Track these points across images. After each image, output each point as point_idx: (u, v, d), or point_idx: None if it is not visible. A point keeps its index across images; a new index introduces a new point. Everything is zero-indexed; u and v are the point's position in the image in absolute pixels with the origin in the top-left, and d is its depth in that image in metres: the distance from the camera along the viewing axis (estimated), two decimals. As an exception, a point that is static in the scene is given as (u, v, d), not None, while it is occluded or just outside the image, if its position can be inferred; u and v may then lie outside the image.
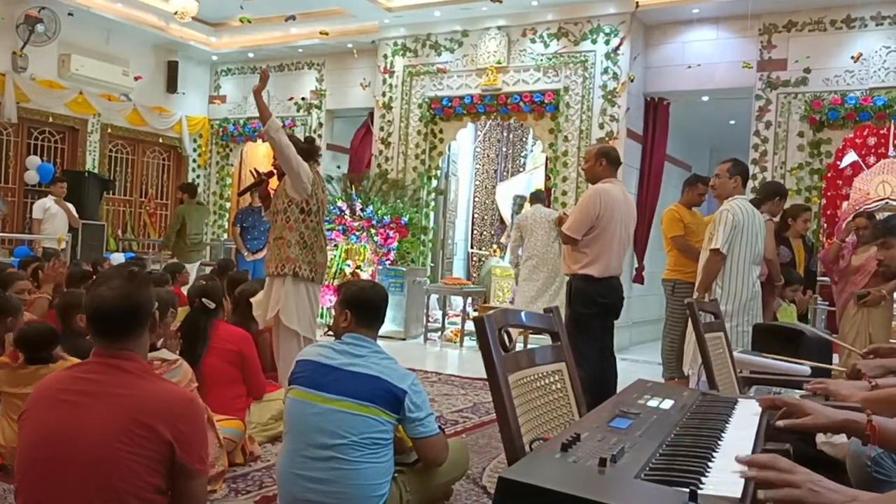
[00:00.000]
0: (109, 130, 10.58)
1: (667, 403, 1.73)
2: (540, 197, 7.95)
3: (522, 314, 1.93)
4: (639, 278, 8.54)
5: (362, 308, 2.64)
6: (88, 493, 1.75)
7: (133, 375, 1.85)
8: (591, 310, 4.51)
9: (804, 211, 5.81)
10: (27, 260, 6.13)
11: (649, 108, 8.75)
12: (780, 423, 1.59)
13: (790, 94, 7.66)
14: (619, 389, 2.96)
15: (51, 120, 9.85)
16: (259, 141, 11.50)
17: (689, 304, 2.73)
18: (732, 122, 9.73)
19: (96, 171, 10.17)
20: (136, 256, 9.79)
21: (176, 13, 8.96)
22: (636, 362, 7.24)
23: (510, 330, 1.67)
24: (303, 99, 10.82)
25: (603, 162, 4.61)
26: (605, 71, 8.29)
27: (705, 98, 8.63)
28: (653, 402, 1.72)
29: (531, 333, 6.53)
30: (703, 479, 1.19)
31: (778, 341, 3.60)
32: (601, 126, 8.28)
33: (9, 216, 9.52)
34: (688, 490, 1.06)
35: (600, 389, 4.41)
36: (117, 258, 8.92)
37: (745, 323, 4.33)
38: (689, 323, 3.13)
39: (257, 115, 10.88)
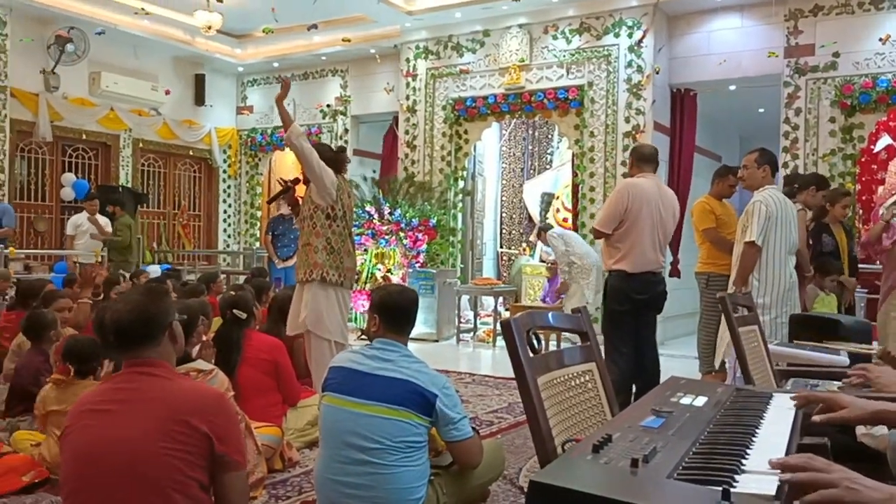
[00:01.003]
0: (141, 145, 10.78)
1: (700, 400, 1.71)
2: None
3: (550, 315, 1.93)
4: (675, 272, 8.45)
5: (389, 312, 2.66)
6: (133, 495, 1.81)
7: (163, 378, 1.94)
8: (625, 306, 4.47)
9: (843, 196, 5.67)
10: (70, 278, 6.29)
11: (676, 99, 8.66)
12: (816, 417, 1.58)
13: (819, 80, 7.53)
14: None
15: (84, 137, 10.07)
16: (287, 149, 11.61)
17: (721, 299, 2.70)
18: (761, 110, 9.58)
19: (130, 185, 10.37)
20: (171, 268, 9.94)
21: (203, 27, 9.08)
22: (672, 357, 7.17)
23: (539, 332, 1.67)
24: (328, 106, 10.91)
25: (632, 159, 4.62)
26: (630, 64, 8.23)
27: (732, 87, 8.52)
28: (686, 400, 1.71)
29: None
30: (736, 476, 1.18)
31: (815, 332, 3.55)
32: (627, 120, 8.22)
33: (47, 233, 9.74)
34: (721, 489, 1.05)
35: (640, 385, 4.39)
36: (153, 270, 9.07)
37: (784, 314, 4.26)
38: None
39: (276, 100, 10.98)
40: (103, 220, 8.51)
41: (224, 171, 12.05)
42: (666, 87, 8.50)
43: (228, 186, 12.12)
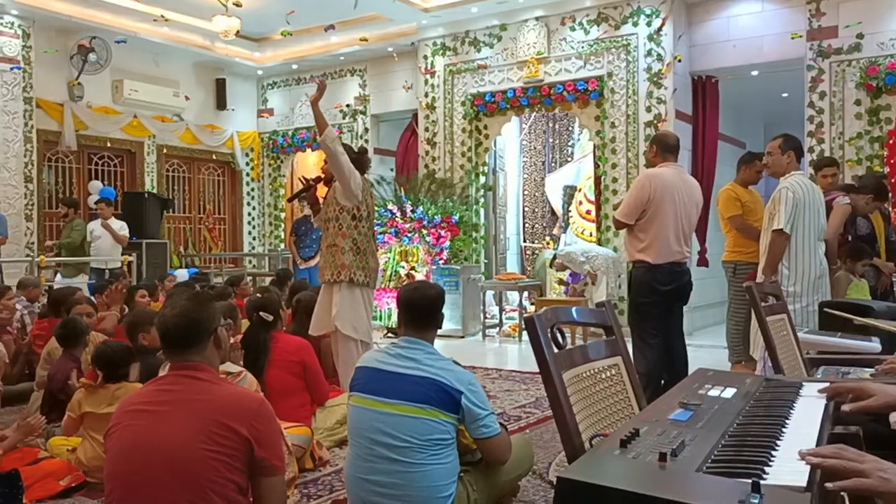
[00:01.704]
0: (165, 151, 10.91)
1: (728, 392, 1.70)
2: None
3: (574, 310, 1.92)
4: (703, 261, 8.39)
5: (405, 310, 2.67)
6: (175, 495, 1.86)
7: (206, 382, 2.00)
8: (651, 298, 4.41)
9: (886, 195, 5.58)
10: (99, 286, 6.40)
11: (697, 87, 8.57)
12: (845, 407, 1.57)
13: (843, 62, 7.40)
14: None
15: (109, 145, 10.21)
16: (308, 150, 11.70)
17: (748, 288, 2.68)
18: (785, 94, 9.45)
19: (155, 191, 10.50)
20: (199, 272, 10.07)
21: (222, 32, 9.16)
22: (700, 347, 7.11)
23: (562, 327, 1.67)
24: (347, 106, 10.96)
25: (654, 148, 4.54)
26: (649, 53, 8.15)
27: (755, 73, 8.41)
28: (714, 392, 1.70)
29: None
30: (766, 468, 1.18)
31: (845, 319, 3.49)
32: (648, 109, 8.15)
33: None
34: (750, 482, 1.04)
35: (668, 378, 4.35)
36: (181, 274, 9.20)
37: (815, 302, 4.20)
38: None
39: (305, 125, 11.07)
40: (117, 225, 8.44)
41: (247, 174, 12.15)
42: (687, 75, 8.42)
43: (252, 189, 12.23)
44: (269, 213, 12.25)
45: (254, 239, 12.31)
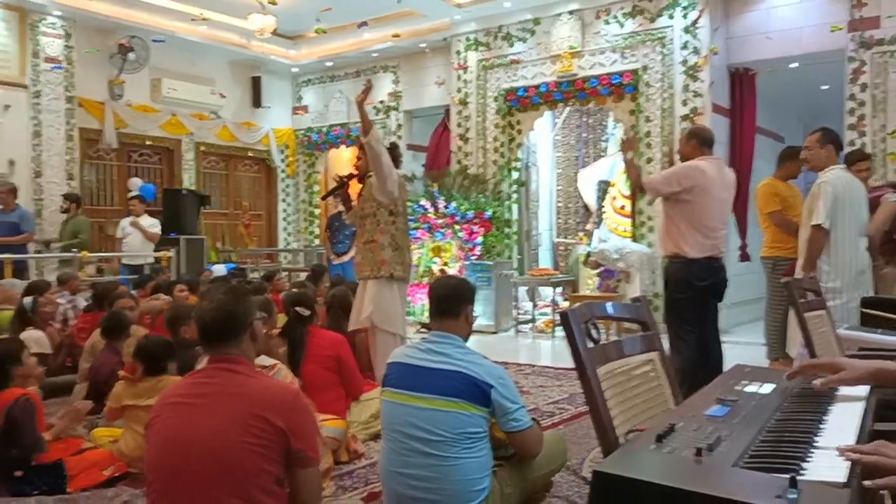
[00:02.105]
0: (202, 148, 11.08)
1: (766, 388, 1.69)
2: None
3: (608, 305, 1.92)
4: (744, 256, 8.27)
5: (432, 300, 2.71)
6: (213, 486, 1.90)
7: (243, 375, 2.04)
8: (687, 293, 4.36)
9: None
10: (140, 281, 6.53)
11: (734, 80, 8.44)
12: (816, 381, 1.60)
13: (886, 53, 7.23)
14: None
15: (148, 142, 10.40)
16: (342, 147, 11.79)
17: (786, 284, 2.64)
18: (825, 87, 9.25)
19: (193, 187, 10.67)
20: (236, 267, 10.21)
21: (257, 31, 9.26)
22: (737, 344, 7.02)
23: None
24: (381, 102, 11.00)
25: (693, 142, 4.45)
26: (685, 46, 8.05)
27: (794, 65, 8.25)
28: (751, 388, 1.69)
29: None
30: (804, 464, 1.17)
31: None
32: (684, 103, 8.06)
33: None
34: (788, 476, 1.04)
35: (704, 374, 4.30)
36: (218, 269, 9.34)
37: (856, 299, 4.11)
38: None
39: (339, 122, 11.15)
40: (148, 222, 8.50)
41: (282, 171, 12.29)
42: (724, 68, 8.29)
43: (287, 186, 12.37)
44: (303, 210, 12.37)
45: (289, 235, 12.45)
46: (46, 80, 8.93)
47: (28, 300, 5.08)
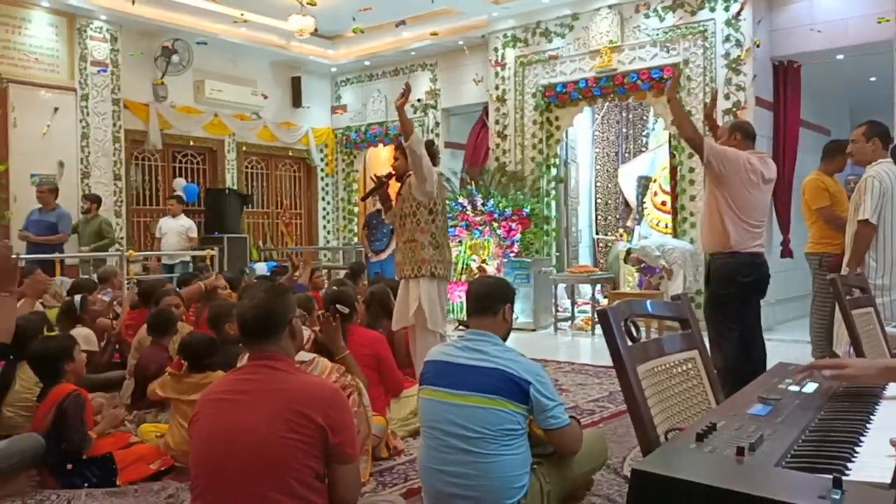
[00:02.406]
0: (244, 148, 11.25)
1: (810, 387, 1.66)
2: None
3: (648, 303, 1.91)
4: (787, 252, 8.11)
5: (469, 298, 2.74)
6: (255, 480, 1.94)
7: (283, 372, 2.08)
8: (730, 290, 4.27)
9: None
10: (183, 279, 6.66)
11: (778, 72, 8.26)
12: (826, 373, 1.63)
13: (937, 43, 7.01)
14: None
15: (191, 143, 10.60)
16: (380, 145, 11.86)
17: (832, 281, 2.59)
18: (873, 79, 9.01)
19: (235, 187, 10.85)
20: (278, 265, 10.35)
21: (297, 31, 9.36)
22: (783, 342, 6.89)
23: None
24: (419, 100, 11.03)
25: (738, 136, 4.33)
26: (727, 39, 7.91)
27: (840, 56, 8.04)
28: (794, 387, 1.66)
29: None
30: (849, 464, 1.15)
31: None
32: (727, 97, 7.91)
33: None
34: (831, 476, 1.02)
35: (746, 372, 4.22)
36: (261, 268, 9.49)
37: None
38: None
39: (377, 121, 11.22)
40: (187, 224, 8.70)
41: (322, 170, 12.42)
42: (767, 61, 8.13)
43: (326, 184, 12.50)
44: (342, 208, 12.49)
45: (328, 233, 12.58)
46: (93, 83, 9.16)
47: (77, 298, 5.21)
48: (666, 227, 8.96)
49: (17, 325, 3.56)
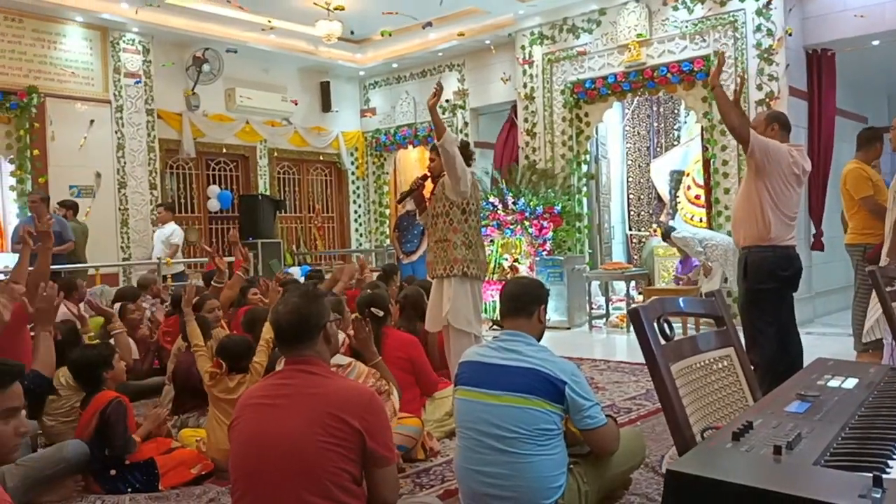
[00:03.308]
0: (276, 154, 11.38)
1: (850, 383, 1.63)
2: None
3: (681, 300, 1.89)
4: (818, 245, 7.95)
5: (503, 299, 2.75)
6: (293, 483, 1.97)
7: (320, 376, 2.10)
8: (770, 284, 4.18)
9: None
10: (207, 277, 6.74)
11: (812, 61, 8.11)
12: None
13: (979, 25, 6.81)
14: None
15: (224, 150, 10.75)
16: (410, 147, 11.90)
17: (871, 272, 2.53)
18: (912, 63, 8.79)
19: (268, 192, 10.97)
20: (311, 269, 10.44)
21: (324, 36, 9.43)
22: (823, 336, 6.75)
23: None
24: (447, 101, 11.04)
25: (775, 127, 4.24)
26: (758, 28, 7.78)
27: (875, 42, 7.86)
28: (834, 383, 1.63)
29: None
30: (890, 462, 1.13)
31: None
32: (759, 87, 7.79)
33: (198, 243, 10.48)
34: (872, 475, 1.00)
35: (784, 368, 4.15)
36: (295, 272, 9.58)
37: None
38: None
39: (406, 123, 11.23)
40: (168, 230, 8.76)
41: (352, 173, 12.50)
42: (800, 50, 7.98)
43: (357, 187, 12.58)
44: (374, 210, 12.56)
45: (360, 236, 12.66)
46: (127, 94, 9.34)
47: (116, 307, 5.32)
48: (700, 221, 8.84)
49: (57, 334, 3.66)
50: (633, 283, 8.54)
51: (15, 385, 1.86)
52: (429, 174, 4.76)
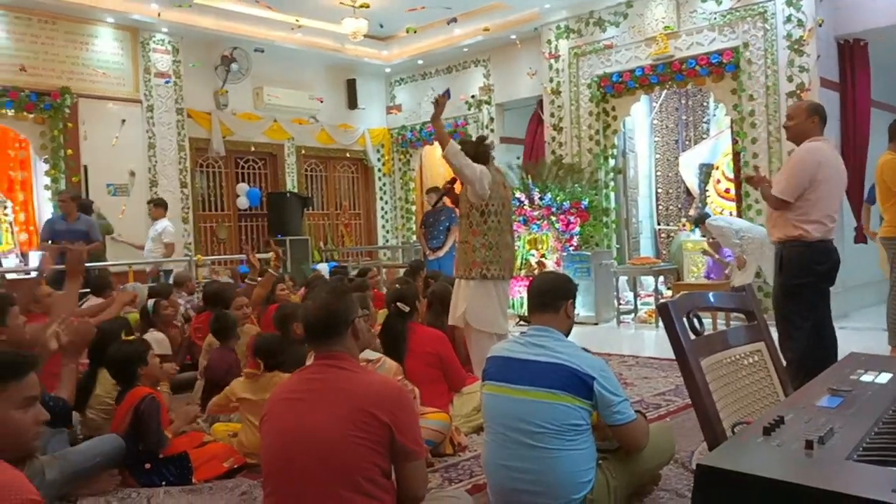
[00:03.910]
0: (303, 152, 11.47)
1: (883, 377, 1.60)
2: None
3: (711, 295, 1.87)
4: (861, 238, 7.80)
5: (530, 295, 2.76)
6: (323, 477, 1.99)
7: (349, 371, 2.13)
8: (806, 279, 4.12)
9: None
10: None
11: (843, 51, 7.97)
12: None
13: None
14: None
15: (252, 149, 10.86)
16: (435, 143, 11.90)
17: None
18: (948, 51, 8.58)
19: (296, 190, 11.07)
20: (338, 265, 10.52)
21: (350, 34, 9.47)
22: (857, 330, 6.64)
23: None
24: (472, 97, 11.04)
25: (815, 119, 4.17)
26: (789, 19, 7.66)
27: (910, 31, 7.70)
28: (867, 377, 1.61)
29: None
30: (926, 458, 1.11)
31: None
32: (790, 79, 7.67)
33: (227, 240, 10.62)
34: (906, 471, 1.00)
35: (817, 363, 4.09)
36: (322, 268, 9.65)
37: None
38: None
39: (431, 120, 11.18)
40: (161, 226, 8.48)
41: (379, 170, 12.56)
42: (831, 40, 7.84)
43: (384, 184, 12.63)
44: (400, 207, 12.60)
45: (387, 232, 12.71)
46: (158, 94, 9.47)
47: (149, 303, 5.41)
48: (730, 215, 8.74)
49: (98, 330, 3.73)
50: (661, 278, 8.47)
51: (31, 375, 1.92)
52: (455, 177, 4.77)
